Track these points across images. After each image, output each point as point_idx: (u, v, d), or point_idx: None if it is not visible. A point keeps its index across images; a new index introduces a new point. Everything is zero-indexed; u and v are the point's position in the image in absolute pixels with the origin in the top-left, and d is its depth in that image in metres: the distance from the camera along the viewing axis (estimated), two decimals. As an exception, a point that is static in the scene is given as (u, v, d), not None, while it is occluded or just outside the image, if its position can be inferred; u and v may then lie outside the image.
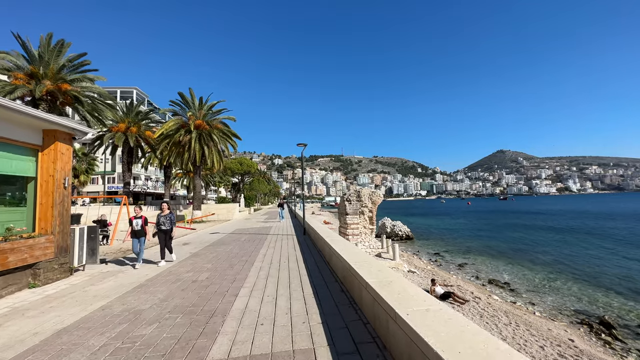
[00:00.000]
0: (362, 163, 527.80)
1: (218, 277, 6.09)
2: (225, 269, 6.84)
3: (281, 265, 6.94)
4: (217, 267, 7.02)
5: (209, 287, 5.37)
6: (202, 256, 8.76)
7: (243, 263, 7.41)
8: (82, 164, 43.64)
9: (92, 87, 21.66)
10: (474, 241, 29.14)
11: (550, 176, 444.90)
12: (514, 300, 12.07)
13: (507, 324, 9.09)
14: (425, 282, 13.45)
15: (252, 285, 5.39)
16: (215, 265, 7.31)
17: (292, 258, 7.83)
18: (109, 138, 28.34)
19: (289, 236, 13.10)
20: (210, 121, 26.97)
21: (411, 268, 16.09)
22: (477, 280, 15.27)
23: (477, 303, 10.86)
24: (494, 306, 10.70)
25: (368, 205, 17.11)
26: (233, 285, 5.39)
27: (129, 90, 53.28)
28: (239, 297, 4.69)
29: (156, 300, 4.75)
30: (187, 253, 9.40)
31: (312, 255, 8.25)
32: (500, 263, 19.27)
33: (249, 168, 66.97)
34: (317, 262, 7.16)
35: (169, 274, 6.56)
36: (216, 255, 8.72)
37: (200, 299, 4.68)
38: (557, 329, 9.15)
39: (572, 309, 11.39)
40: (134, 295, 5.03)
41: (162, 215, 8.11)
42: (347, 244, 6.45)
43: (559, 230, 36.31)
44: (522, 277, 15.92)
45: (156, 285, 5.64)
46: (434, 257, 21.25)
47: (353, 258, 4.91)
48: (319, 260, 7.40)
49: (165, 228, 7.96)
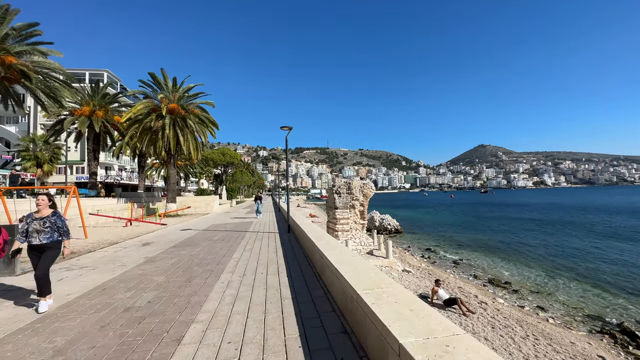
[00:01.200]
0: (347, 156, 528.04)
1: (165, 300, 4.32)
2: (180, 284, 5.06)
3: (257, 279, 5.22)
4: (170, 282, 5.23)
5: (143, 321, 3.60)
6: (159, 262, 6.92)
7: (207, 275, 5.64)
8: (45, 153, 39.88)
9: (45, 62, 18.79)
10: (464, 235, 28.42)
11: (527, 170, 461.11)
12: (521, 305, 10.92)
13: (524, 337, 7.82)
14: (423, 284, 12.14)
15: (210, 317, 3.66)
16: (169, 278, 5.51)
17: (273, 266, 6.12)
18: (71, 123, 25.36)
19: (271, 234, 11.36)
20: (186, 105, 24.48)
21: (405, 267, 14.78)
22: (476, 280, 14.14)
23: (485, 309, 9.59)
24: (503, 313, 9.46)
25: (359, 198, 15.59)
26: (180, 318, 3.64)
27: (99, 73, 49.00)
28: (182, 345, 2.96)
29: (49, 352, 2.95)
30: (142, 258, 7.51)
31: (298, 261, 6.58)
32: (495, 259, 18.35)
33: (232, 159, 64.27)
34: (305, 274, 5.49)
35: (100, 294, 4.73)
36: (176, 262, 6.90)
37: (121, 349, 2.93)
38: (579, 341, 7.97)
39: (584, 314, 10.37)
40: (20, 340, 3.21)
41: (34, 218, 4.26)
42: (345, 252, 4.81)
43: (542, 223, 36.46)
44: (521, 276, 14.95)
45: (67, 317, 3.82)
46: (427, 253, 20.12)
47: (361, 280, 3.27)
48: (306, 271, 5.74)
49: (38, 242, 4.20)
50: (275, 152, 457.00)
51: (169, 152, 23.93)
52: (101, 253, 8.47)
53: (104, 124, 26.51)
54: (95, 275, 6.00)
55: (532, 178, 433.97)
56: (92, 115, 25.75)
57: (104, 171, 50.76)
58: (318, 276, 5.21)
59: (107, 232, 13.94)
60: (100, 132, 26.42)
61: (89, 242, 10.63)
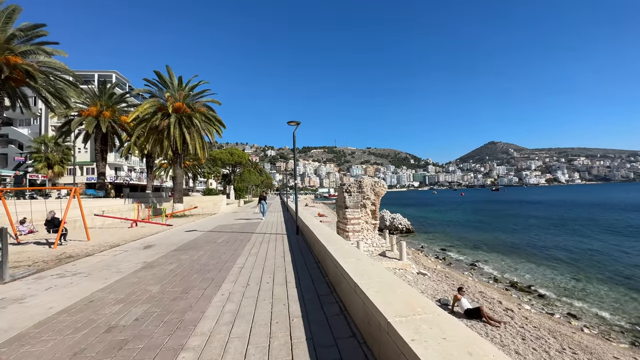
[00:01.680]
0: (355, 154, 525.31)
1: (155, 317, 3.72)
2: (175, 296, 4.46)
3: (262, 290, 4.58)
4: (164, 293, 4.65)
5: (124, 346, 3.00)
6: (157, 268, 6.36)
7: (206, 284, 5.04)
8: (56, 154, 40.26)
9: (51, 61, 18.62)
10: (478, 235, 27.34)
11: (540, 167, 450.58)
12: (550, 312, 10.06)
13: (560, 351, 7.01)
14: (441, 288, 11.36)
15: (204, 342, 3.03)
16: (165, 288, 4.93)
17: (280, 275, 5.48)
18: (78, 123, 25.29)
19: (279, 236, 10.74)
20: (192, 104, 24.11)
21: (420, 269, 14.00)
22: (497, 284, 13.26)
23: (512, 317, 8.77)
24: (532, 322, 8.63)
25: (371, 197, 14.86)
26: (168, 343, 3.03)
27: (108, 74, 49.30)
28: (166, 384, 2.34)
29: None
30: (140, 263, 6.98)
31: (308, 268, 5.93)
32: (514, 261, 17.37)
33: (240, 159, 64.12)
34: (316, 284, 4.82)
35: (86, 307, 4.17)
36: (175, 268, 6.33)
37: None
38: (623, 356, 7.11)
39: (622, 322, 9.44)
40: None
41: None
42: (363, 259, 4.13)
43: (559, 222, 34.96)
44: (545, 279, 13.99)
45: (40, 338, 3.25)
46: (441, 254, 19.26)
47: (389, 300, 2.58)
48: (318, 280, 5.07)
49: None
50: (283, 151, 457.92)
51: (175, 152, 23.61)
52: (99, 257, 7.99)
53: (111, 124, 26.36)
54: (87, 283, 5.47)
55: (545, 175, 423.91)
56: (99, 115, 25.62)
57: (114, 172, 51.14)
58: (332, 287, 4.54)
59: (111, 233, 13.58)
60: (107, 133, 26.27)
61: (89, 245, 10.21)
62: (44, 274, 6.41)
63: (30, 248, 9.93)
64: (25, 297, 4.78)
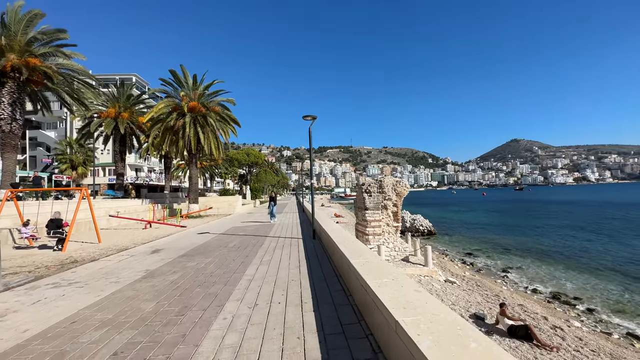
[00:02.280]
0: (371, 154, 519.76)
1: (139, 351, 2.97)
2: (169, 320, 3.72)
3: (272, 314, 3.75)
4: (158, 313, 3.92)
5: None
6: (158, 278, 5.70)
7: (208, 302, 4.28)
8: (80, 155, 41.48)
9: (69, 64, 18.71)
10: (505, 237, 25.56)
11: (567, 165, 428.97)
12: (606, 331, 8.71)
13: (632, 384, 5.79)
14: (473, 299, 10.20)
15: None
16: (160, 306, 4.21)
17: (294, 292, 4.62)
18: (98, 125, 25.60)
19: (293, 240, 9.94)
20: (206, 103, 23.85)
21: (448, 276, 12.84)
22: (536, 295, 11.90)
23: (563, 338, 7.55)
24: (589, 344, 7.38)
25: (392, 197, 13.81)
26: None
27: (128, 77, 50.51)
28: None
29: None
30: (142, 271, 6.36)
31: (328, 283, 5.04)
32: (552, 267, 15.79)
33: (257, 159, 64.20)
34: (340, 311, 3.90)
35: (63, 332, 3.50)
36: (178, 278, 5.64)
37: None
38: None
39: (697, 346, 7.99)
40: None
41: None
42: (404, 282, 3.21)
43: (595, 223, 32.28)
44: (591, 289, 12.47)
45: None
46: (468, 259, 17.90)
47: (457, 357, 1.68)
48: (341, 302, 4.19)
49: None
50: (298, 151, 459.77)
51: (190, 152, 23.40)
52: (103, 263, 7.47)
53: (129, 126, 26.52)
54: (78, 296, 4.85)
55: (573, 174, 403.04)
56: (117, 117, 25.84)
57: (134, 173, 52.35)
58: (359, 315, 3.63)
59: (124, 235, 13.27)
60: (125, 134, 26.49)
61: (98, 248, 9.81)
62: (40, 282, 5.89)
63: (38, 251, 9.64)
64: (6, 314, 4.19)
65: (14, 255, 9.12)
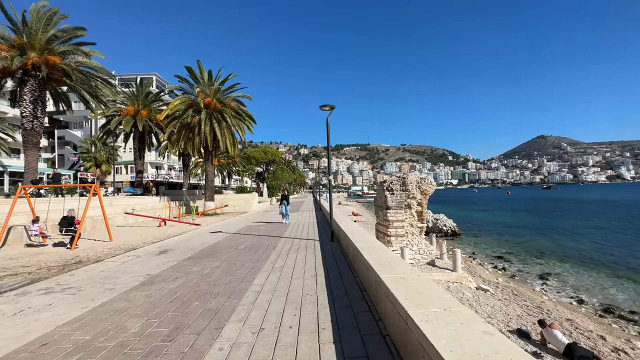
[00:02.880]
0: (389, 152, 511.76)
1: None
2: (154, 347, 2.99)
3: (279, 346, 2.89)
4: (143, 336, 3.21)
5: None
6: (156, 286, 5.05)
7: (206, 321, 3.52)
8: (103, 153, 42.68)
9: (87, 62, 18.76)
10: (537, 239, 23.63)
11: (599, 163, 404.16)
12: (681, 356, 7.34)
13: None
14: (512, 311, 9.02)
15: None
16: (150, 324, 3.50)
17: (309, 311, 3.77)
18: (117, 122, 25.89)
19: (309, 242, 9.14)
20: (222, 99, 23.49)
21: (479, 283, 11.64)
22: (583, 306, 10.50)
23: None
24: (664, 374, 6.11)
25: (417, 196, 12.72)
26: None
27: (149, 77, 51.50)
28: None
29: None
30: (143, 276, 5.76)
31: (350, 299, 4.16)
32: (598, 275, 14.12)
33: (274, 157, 64.06)
34: (367, 342, 3.01)
35: (30, 358, 2.85)
36: (178, 287, 4.96)
37: None
38: None
39: None
40: None
41: None
42: (458, 310, 2.31)
43: (636, 225, 29.40)
44: (649, 301, 10.90)
45: None
46: (499, 263, 16.46)
47: None
48: (368, 328, 3.30)
49: None
50: (315, 149, 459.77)
51: (206, 148, 23.15)
52: (106, 264, 6.97)
53: (148, 123, 26.66)
54: (64, 307, 4.26)
55: (606, 171, 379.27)
56: (136, 114, 26.03)
57: (155, 170, 53.49)
58: (395, 352, 2.75)
59: (138, 232, 12.99)
60: (144, 131, 26.66)
61: (107, 247, 9.42)
62: (33, 287, 5.39)
63: (48, 250, 9.37)
64: (-18, 327, 3.63)
65: (23, 253, 8.87)
